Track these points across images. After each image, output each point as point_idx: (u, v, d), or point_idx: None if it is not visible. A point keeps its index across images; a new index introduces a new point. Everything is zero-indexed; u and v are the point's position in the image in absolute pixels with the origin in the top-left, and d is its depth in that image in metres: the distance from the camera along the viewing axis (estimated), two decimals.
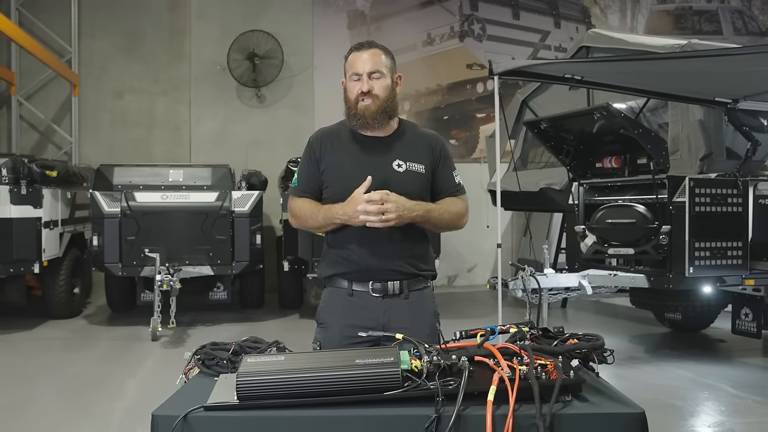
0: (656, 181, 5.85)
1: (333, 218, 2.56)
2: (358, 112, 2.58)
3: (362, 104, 2.58)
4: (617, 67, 6.33)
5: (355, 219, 2.49)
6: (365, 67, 2.58)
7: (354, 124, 2.62)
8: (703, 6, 13.28)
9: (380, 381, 1.82)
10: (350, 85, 2.61)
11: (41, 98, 11.33)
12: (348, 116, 2.64)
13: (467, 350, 2.03)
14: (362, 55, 2.60)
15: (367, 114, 2.57)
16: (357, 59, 2.60)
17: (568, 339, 2.15)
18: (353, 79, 2.60)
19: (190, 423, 1.77)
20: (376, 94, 2.57)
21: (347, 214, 2.50)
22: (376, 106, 2.57)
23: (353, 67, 2.60)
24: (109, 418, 4.83)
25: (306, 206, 2.65)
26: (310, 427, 1.79)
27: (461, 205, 2.73)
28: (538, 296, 5.60)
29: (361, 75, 2.58)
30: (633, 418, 1.83)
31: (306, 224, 2.67)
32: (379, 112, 2.58)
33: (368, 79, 2.57)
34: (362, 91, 2.56)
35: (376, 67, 2.59)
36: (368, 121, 2.58)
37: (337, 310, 2.64)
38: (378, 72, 2.59)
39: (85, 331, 7.93)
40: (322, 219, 2.60)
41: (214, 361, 2.18)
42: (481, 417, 1.76)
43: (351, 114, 2.61)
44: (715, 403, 5.19)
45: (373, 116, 2.58)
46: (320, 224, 2.63)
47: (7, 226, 7.54)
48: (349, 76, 2.62)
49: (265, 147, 11.11)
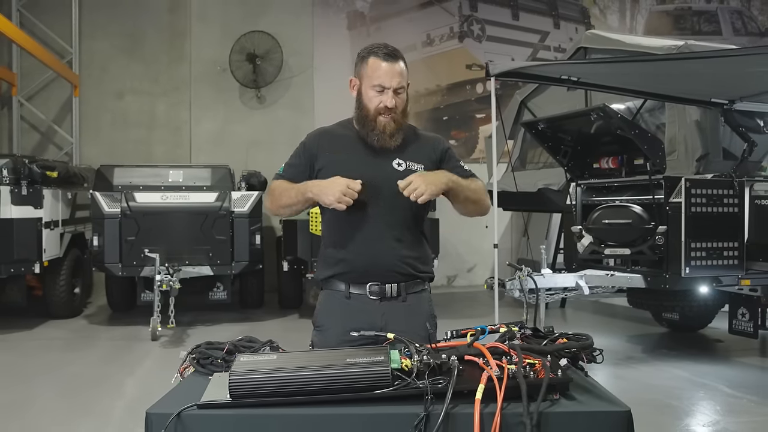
0: (653, 182, 5.88)
1: (305, 193, 2.52)
2: (378, 127, 2.53)
3: (383, 119, 2.52)
4: (614, 69, 6.37)
5: (328, 198, 2.43)
6: (392, 83, 2.50)
7: (368, 134, 2.56)
8: (703, 6, 13.30)
9: (370, 379, 1.85)
10: (370, 94, 2.53)
11: (42, 99, 11.38)
12: (361, 123, 2.58)
13: (457, 349, 2.06)
14: (391, 67, 2.51)
15: (387, 131, 2.53)
16: (384, 69, 2.51)
17: (558, 338, 2.19)
18: (376, 90, 2.51)
19: (184, 421, 1.80)
20: (398, 109, 2.54)
21: (322, 190, 2.46)
22: (396, 124, 2.53)
23: (379, 78, 2.51)
24: (108, 417, 4.86)
25: (283, 184, 2.62)
26: (302, 425, 1.82)
27: (480, 184, 2.69)
28: (535, 296, 5.64)
29: (387, 89, 2.51)
30: (619, 416, 1.86)
31: (279, 202, 2.61)
32: (398, 129, 2.55)
33: (394, 95, 2.51)
34: (387, 106, 2.51)
35: (402, 83, 2.53)
36: (386, 138, 2.54)
37: (334, 313, 2.62)
38: (402, 88, 2.54)
39: (86, 331, 7.97)
40: (294, 194, 2.56)
41: (209, 360, 2.20)
42: (469, 415, 1.79)
43: (368, 125, 2.55)
44: (710, 403, 5.22)
45: (392, 134, 2.54)
46: (292, 200, 2.58)
47: (7, 226, 7.57)
48: (370, 83, 2.52)
49: (265, 147, 11.14)
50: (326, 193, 2.43)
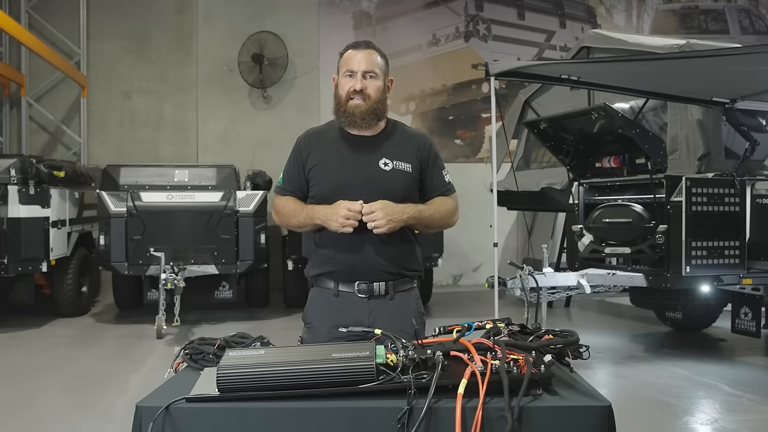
0: (654, 181, 5.89)
1: (313, 218, 2.59)
2: (348, 110, 2.60)
3: (353, 102, 2.59)
4: (615, 68, 6.38)
5: (333, 224, 2.51)
6: (360, 66, 2.59)
7: (342, 121, 2.64)
8: (710, 5, 13.26)
9: (355, 374, 1.89)
10: (342, 82, 2.63)
11: (50, 99, 11.48)
12: (336, 113, 2.66)
13: (443, 345, 2.10)
14: (358, 54, 2.62)
15: (356, 113, 2.59)
16: (353, 57, 2.62)
17: (544, 335, 2.22)
18: (346, 75, 2.61)
19: (172, 414, 1.85)
20: (368, 94, 2.59)
21: (327, 217, 2.53)
22: (366, 106, 2.59)
23: (348, 64, 2.62)
24: (111, 413, 4.93)
25: (289, 205, 2.68)
26: (287, 418, 1.86)
27: (451, 203, 2.74)
28: (536, 295, 5.66)
29: (356, 73, 2.59)
30: (600, 410, 1.89)
31: (288, 222, 2.70)
32: (369, 112, 2.59)
33: (362, 78, 2.59)
34: (355, 89, 2.58)
35: (371, 67, 2.60)
36: (357, 120, 2.60)
37: (323, 310, 2.67)
38: (372, 72, 2.60)
39: (92, 329, 8.05)
40: (303, 218, 2.63)
41: (201, 355, 2.25)
42: (452, 409, 1.82)
43: (340, 111, 2.63)
44: (710, 401, 5.23)
45: (362, 116, 2.59)
46: (300, 223, 2.66)
47: (15, 225, 7.66)
48: (342, 72, 2.63)
49: (272, 147, 11.18)
50: (331, 220, 2.51)
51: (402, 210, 2.55)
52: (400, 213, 2.54)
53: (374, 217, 2.48)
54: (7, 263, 7.57)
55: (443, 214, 2.70)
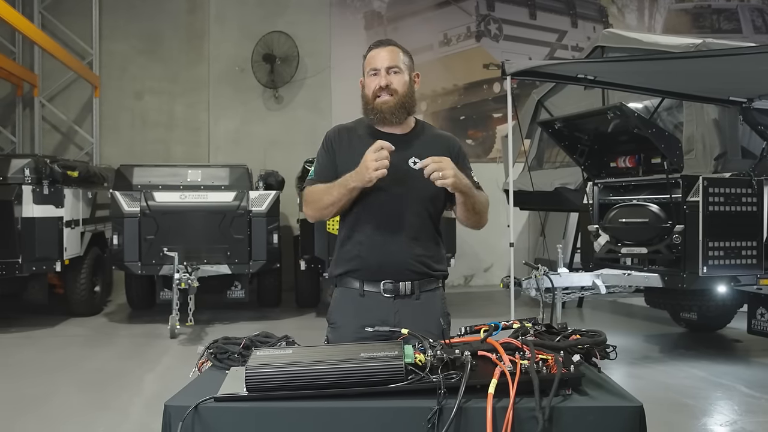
0: (670, 181, 5.86)
1: (347, 184, 2.49)
2: (376, 107, 2.60)
3: (380, 99, 2.59)
4: (631, 67, 6.35)
5: (367, 176, 2.41)
6: (383, 63, 2.60)
7: (371, 119, 2.64)
8: (722, 4, 13.18)
9: (384, 374, 1.87)
10: (368, 81, 2.63)
11: (63, 100, 11.53)
12: (365, 111, 2.66)
13: (470, 345, 2.08)
14: (380, 52, 2.63)
15: (384, 109, 2.59)
16: (375, 56, 2.63)
17: (571, 335, 2.20)
18: (371, 74, 2.62)
19: (201, 413, 1.84)
20: (395, 89, 2.59)
21: (360, 174, 2.43)
22: (394, 101, 2.59)
23: (371, 63, 2.63)
24: (126, 411, 4.93)
25: (319, 187, 2.61)
26: (316, 418, 1.85)
27: (485, 197, 2.71)
28: (551, 295, 5.64)
29: (379, 70, 2.60)
30: (631, 411, 1.87)
31: (321, 202, 2.59)
32: (397, 107, 2.59)
33: (386, 74, 2.59)
34: (380, 86, 2.58)
35: (394, 62, 2.61)
36: (386, 116, 2.59)
37: (348, 310, 2.64)
38: (396, 67, 2.61)
39: (105, 328, 8.07)
40: (337, 190, 2.53)
41: (226, 354, 2.24)
42: (482, 409, 1.80)
43: (368, 109, 2.63)
44: (728, 402, 5.19)
45: (391, 111, 2.59)
46: (335, 196, 2.54)
47: (30, 225, 7.69)
48: (367, 72, 2.64)
49: (283, 147, 11.21)
50: (363, 171, 2.43)
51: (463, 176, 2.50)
52: (463, 177, 2.50)
53: (443, 166, 2.41)
54: (21, 263, 7.60)
55: (484, 205, 2.67)
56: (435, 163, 2.40)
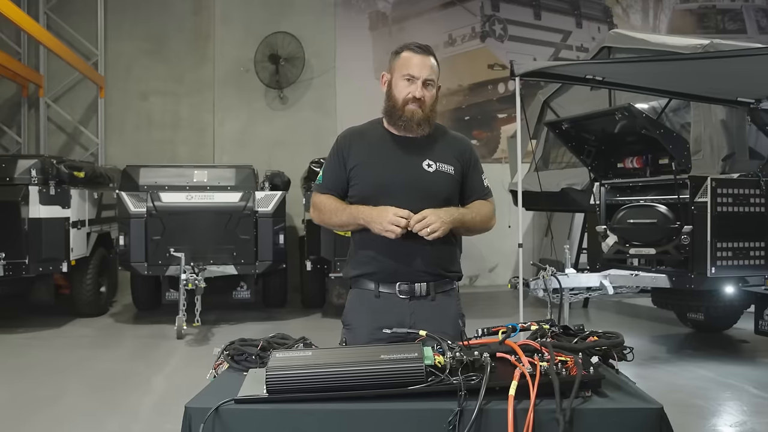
0: (678, 182, 5.85)
1: (357, 218, 2.57)
2: (405, 115, 2.59)
3: (410, 108, 2.58)
4: (638, 68, 6.34)
5: (377, 226, 2.51)
6: (422, 73, 2.57)
7: (399, 124, 2.62)
8: (727, 5, 13.16)
9: (405, 376, 1.88)
10: (401, 84, 2.60)
11: (68, 100, 11.55)
12: (390, 113, 2.64)
13: (489, 347, 2.08)
14: (422, 60, 2.59)
15: (414, 119, 2.58)
16: (414, 60, 2.59)
17: (588, 336, 2.20)
18: (405, 79, 2.58)
19: (222, 415, 1.84)
20: (426, 102, 2.59)
21: (372, 219, 2.52)
22: (423, 114, 2.59)
23: (408, 67, 2.58)
24: (136, 412, 4.93)
25: (331, 203, 2.66)
26: (337, 420, 1.86)
27: (490, 207, 2.76)
28: (559, 296, 5.62)
29: (416, 79, 2.57)
30: (652, 413, 1.88)
31: (329, 221, 2.68)
32: (425, 119, 2.60)
33: (422, 87, 2.58)
34: (415, 96, 2.57)
35: (431, 75, 2.59)
36: (413, 126, 2.60)
37: (363, 312, 2.65)
38: (432, 81, 2.60)
39: (112, 329, 8.08)
40: (346, 217, 2.62)
41: (243, 356, 2.25)
42: (502, 411, 1.81)
43: (396, 113, 2.61)
44: (737, 403, 5.19)
45: (419, 122, 2.59)
46: (343, 222, 2.64)
47: (36, 225, 7.70)
48: (401, 74, 2.60)
49: (288, 148, 11.21)
50: (376, 222, 2.51)
51: (448, 212, 2.56)
52: (448, 215, 2.55)
53: (429, 222, 2.48)
54: (28, 263, 7.62)
55: (483, 218, 2.71)
56: (419, 222, 2.47)
